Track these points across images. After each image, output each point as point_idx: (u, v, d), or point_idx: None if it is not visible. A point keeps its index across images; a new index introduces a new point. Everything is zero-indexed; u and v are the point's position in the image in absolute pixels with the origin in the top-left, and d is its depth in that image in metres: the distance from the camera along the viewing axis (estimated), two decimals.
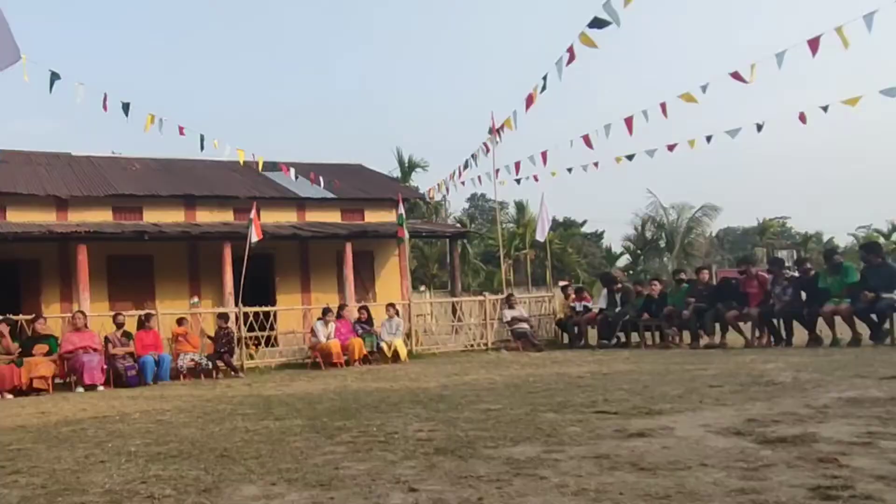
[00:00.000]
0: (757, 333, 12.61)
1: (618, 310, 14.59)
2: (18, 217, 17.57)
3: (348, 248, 18.57)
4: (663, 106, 13.32)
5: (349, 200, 21.55)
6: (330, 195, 20.93)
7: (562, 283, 19.60)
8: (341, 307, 14.61)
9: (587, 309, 15.29)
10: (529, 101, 13.71)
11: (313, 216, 21.02)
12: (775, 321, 12.43)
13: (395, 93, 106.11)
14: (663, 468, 4.01)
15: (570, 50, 11.66)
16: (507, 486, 3.76)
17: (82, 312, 12.67)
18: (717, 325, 13.08)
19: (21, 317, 12.53)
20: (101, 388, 11.24)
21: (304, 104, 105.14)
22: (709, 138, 14.89)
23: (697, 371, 8.97)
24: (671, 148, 15.39)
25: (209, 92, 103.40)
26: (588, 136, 15.04)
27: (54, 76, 11.33)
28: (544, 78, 12.96)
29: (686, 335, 13.60)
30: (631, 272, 46.46)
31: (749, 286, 12.97)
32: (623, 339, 14.57)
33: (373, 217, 21.74)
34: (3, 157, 19.57)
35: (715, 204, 46.77)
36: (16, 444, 5.84)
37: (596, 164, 16.89)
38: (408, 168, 41.93)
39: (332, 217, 21.27)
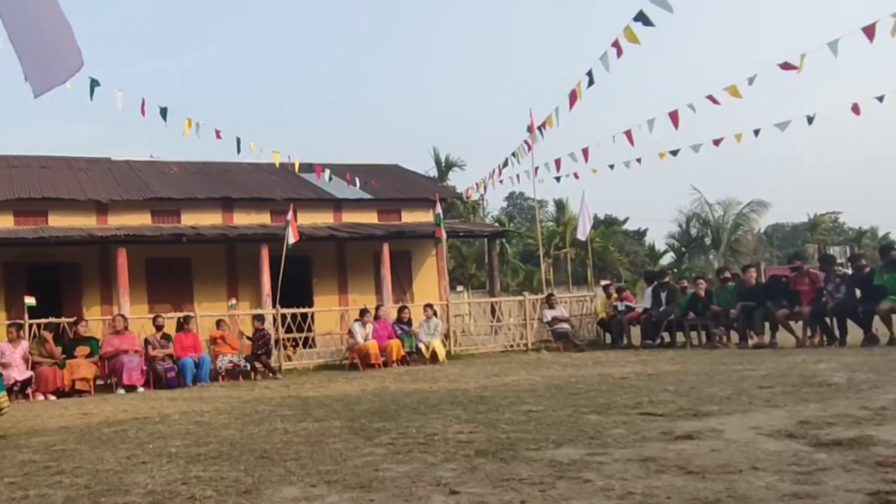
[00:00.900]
0: (809, 333, 12.33)
1: (662, 309, 14.39)
2: (60, 221, 18.09)
3: (385, 248, 18.67)
4: (711, 98, 13.10)
5: (386, 201, 21.67)
6: (366, 196, 21.08)
7: (603, 283, 19.38)
8: (378, 308, 14.70)
9: (630, 308, 15.11)
10: (573, 97, 13.60)
11: (350, 217, 21.19)
12: (828, 320, 12.13)
13: (431, 92, 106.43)
14: (712, 472, 3.94)
15: (616, 44, 11.57)
16: (550, 490, 3.73)
17: (122, 316, 12.95)
18: (767, 325, 12.81)
19: (63, 319, 12.89)
20: (141, 389, 11.48)
21: (338, 104, 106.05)
22: (756, 132, 14.61)
23: (746, 371, 8.81)
24: (717, 143, 15.14)
25: (245, 95, 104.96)
26: (630, 132, 14.88)
27: (94, 83, 11.61)
28: (589, 74, 12.85)
29: (734, 335, 13.35)
30: (675, 270, 45.81)
31: (800, 284, 12.68)
32: (668, 339, 14.37)
33: (410, 217, 21.83)
34: (43, 164, 20.21)
35: (763, 199, 45.80)
36: (59, 445, 6.00)
37: (639, 160, 16.73)
38: (445, 167, 41.97)
39: (369, 218, 21.42)
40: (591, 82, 12.88)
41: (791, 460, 4.09)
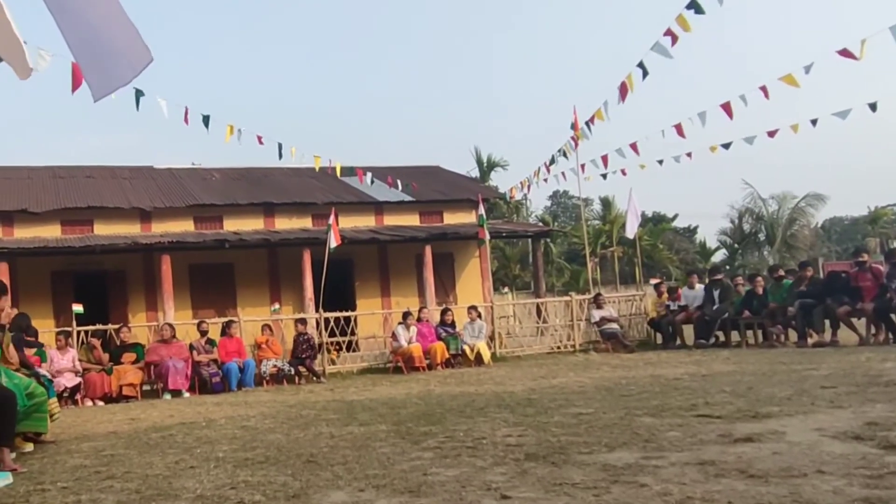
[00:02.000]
0: (873, 330, 11.96)
1: (716, 307, 14.12)
2: (105, 230, 18.60)
3: (428, 250, 18.72)
4: (764, 89, 12.82)
5: (427, 203, 21.74)
6: (408, 198, 21.19)
7: (654, 281, 19.12)
8: (421, 310, 14.74)
9: (682, 308, 14.85)
10: (623, 90, 13.44)
11: (391, 220, 21.32)
12: (893, 316, 11.74)
13: (471, 91, 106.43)
14: (775, 475, 3.84)
15: (670, 33, 11.42)
16: (605, 494, 3.68)
17: (170, 324, 13.18)
18: (827, 322, 12.46)
19: (109, 326, 13.23)
20: (186, 394, 11.71)
21: (379, 107, 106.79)
22: (814, 122, 14.23)
23: (807, 371, 8.58)
24: (772, 134, 14.81)
25: (285, 100, 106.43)
26: (680, 125, 14.66)
27: (139, 93, 11.90)
28: (640, 65, 12.69)
29: (792, 333, 13.03)
30: (728, 267, 44.94)
31: (862, 280, 12.31)
32: (722, 339, 14.09)
33: (452, 218, 21.86)
34: (88, 174, 20.85)
35: (820, 193, 44.61)
36: (109, 450, 6.14)
37: (689, 155, 16.48)
38: (487, 167, 41.92)
39: (411, 220, 21.51)
40: (644, 73, 12.72)
41: (859, 463, 3.96)
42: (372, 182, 19.27)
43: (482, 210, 17.49)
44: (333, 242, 15.11)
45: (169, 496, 4.22)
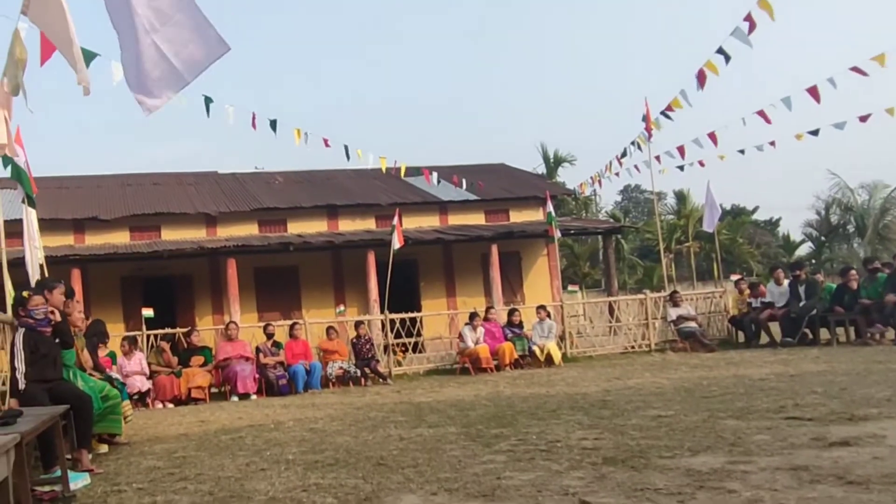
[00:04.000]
0: None
1: (802, 304, 13.62)
2: (172, 235, 19.25)
3: (494, 249, 18.70)
4: (857, 70, 12.33)
5: (493, 201, 21.73)
6: (472, 197, 21.21)
7: (734, 277, 18.60)
8: (488, 310, 14.71)
9: (767, 304, 14.38)
10: (701, 77, 13.14)
11: (456, 219, 21.37)
12: None
13: (536, 86, 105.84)
14: (877, 482, 3.67)
15: (749, 18, 11.14)
16: (690, 500, 3.59)
17: (234, 323, 13.62)
18: None
19: (178, 330, 13.68)
20: (253, 396, 11.99)
21: (444, 107, 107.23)
22: None
23: None
24: (864, 119, 14.26)
25: (348, 103, 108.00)
26: (764, 112, 14.24)
27: (208, 100, 12.26)
28: (720, 51, 12.39)
29: (889, 331, 12.47)
30: (814, 261, 43.37)
31: None
32: (810, 337, 13.59)
33: (518, 217, 21.77)
34: (155, 181, 21.68)
35: None
36: (181, 452, 6.33)
37: (773, 143, 16.03)
38: (554, 163, 41.53)
39: (476, 219, 21.52)
40: (727, 59, 12.42)
41: None
42: (438, 182, 19.35)
43: (550, 207, 17.36)
44: (397, 243, 15.24)
45: (242, 498, 4.31)
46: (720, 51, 12.43)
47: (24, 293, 6.13)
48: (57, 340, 6.01)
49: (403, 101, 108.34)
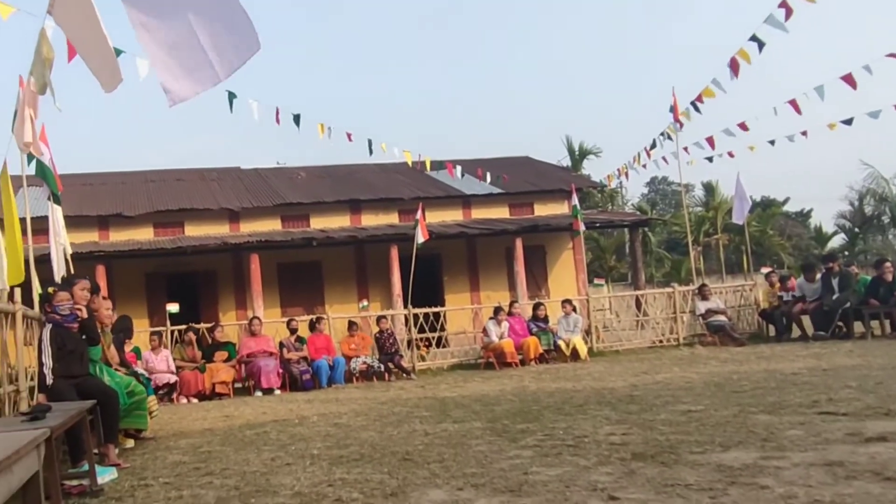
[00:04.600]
0: None
1: (835, 297, 13.43)
2: (195, 231, 19.45)
3: (518, 243, 18.66)
4: (895, 56, 12.12)
5: (517, 194, 21.69)
6: (496, 190, 21.18)
7: (765, 270, 18.40)
8: (512, 304, 14.69)
9: (799, 298, 14.20)
10: (734, 65, 12.99)
11: (480, 213, 21.36)
12: None
13: (558, 78, 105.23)
14: None
15: (784, 4, 11.00)
16: (722, 496, 3.55)
17: (258, 318, 13.73)
18: None
19: (202, 325, 13.82)
20: (277, 391, 12.09)
21: (469, 99, 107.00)
22: None
23: None
24: None
25: (370, 97, 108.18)
26: (795, 101, 14.07)
27: (231, 95, 12.35)
28: (754, 38, 12.24)
29: None
30: (847, 253, 42.73)
31: None
32: (844, 330, 13.40)
33: (543, 210, 21.70)
34: (178, 177, 21.94)
35: None
36: (206, 447, 6.40)
37: (805, 133, 15.84)
38: (579, 156, 41.30)
39: (500, 212, 21.49)
40: (760, 46, 12.28)
41: None
42: (462, 175, 19.34)
43: (576, 200, 17.28)
44: (421, 238, 15.26)
45: (267, 493, 4.35)
46: (753, 38, 12.29)
47: (50, 289, 6.22)
48: (84, 337, 6.10)
49: (427, 95, 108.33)
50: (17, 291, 6.70)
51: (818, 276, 14.36)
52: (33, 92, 6.29)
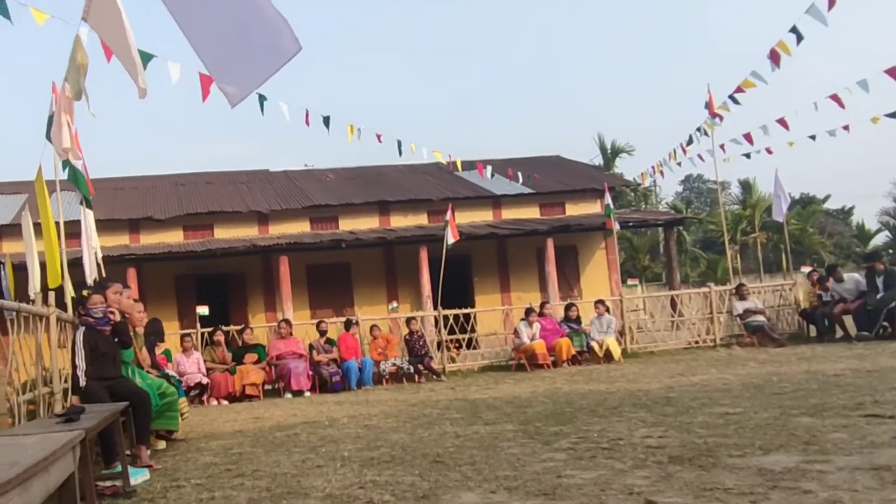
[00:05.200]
0: None
1: (880, 296, 13.15)
2: (225, 233, 19.68)
3: (549, 243, 18.58)
4: None
5: (548, 194, 21.61)
6: (527, 190, 21.12)
7: (805, 269, 18.11)
8: (543, 304, 14.62)
9: (842, 297, 13.93)
10: (775, 56, 12.80)
11: (510, 213, 21.31)
12: None
13: (591, 75, 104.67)
14: None
15: None
16: (763, 501, 3.49)
17: (287, 321, 13.82)
18: None
19: (231, 327, 13.96)
20: (307, 393, 12.17)
21: (499, 99, 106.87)
22: None
23: None
24: None
25: (403, 96, 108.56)
26: (837, 95, 13.84)
27: (262, 98, 12.48)
28: (793, 30, 12.06)
29: None
30: (891, 251, 41.89)
31: None
32: (889, 330, 13.12)
33: (574, 210, 21.59)
34: (208, 180, 22.23)
35: None
36: (237, 448, 6.46)
37: (846, 128, 15.57)
38: (611, 154, 41.04)
39: (531, 213, 21.43)
40: (798, 38, 12.10)
41: None
42: (492, 175, 19.30)
43: (608, 199, 17.16)
44: (451, 238, 15.25)
45: (299, 494, 4.37)
46: (793, 30, 12.10)
47: (84, 292, 6.33)
48: (116, 339, 6.19)
49: (458, 95, 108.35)
50: (52, 295, 6.82)
51: (845, 275, 14.17)
52: (69, 98, 6.41)
